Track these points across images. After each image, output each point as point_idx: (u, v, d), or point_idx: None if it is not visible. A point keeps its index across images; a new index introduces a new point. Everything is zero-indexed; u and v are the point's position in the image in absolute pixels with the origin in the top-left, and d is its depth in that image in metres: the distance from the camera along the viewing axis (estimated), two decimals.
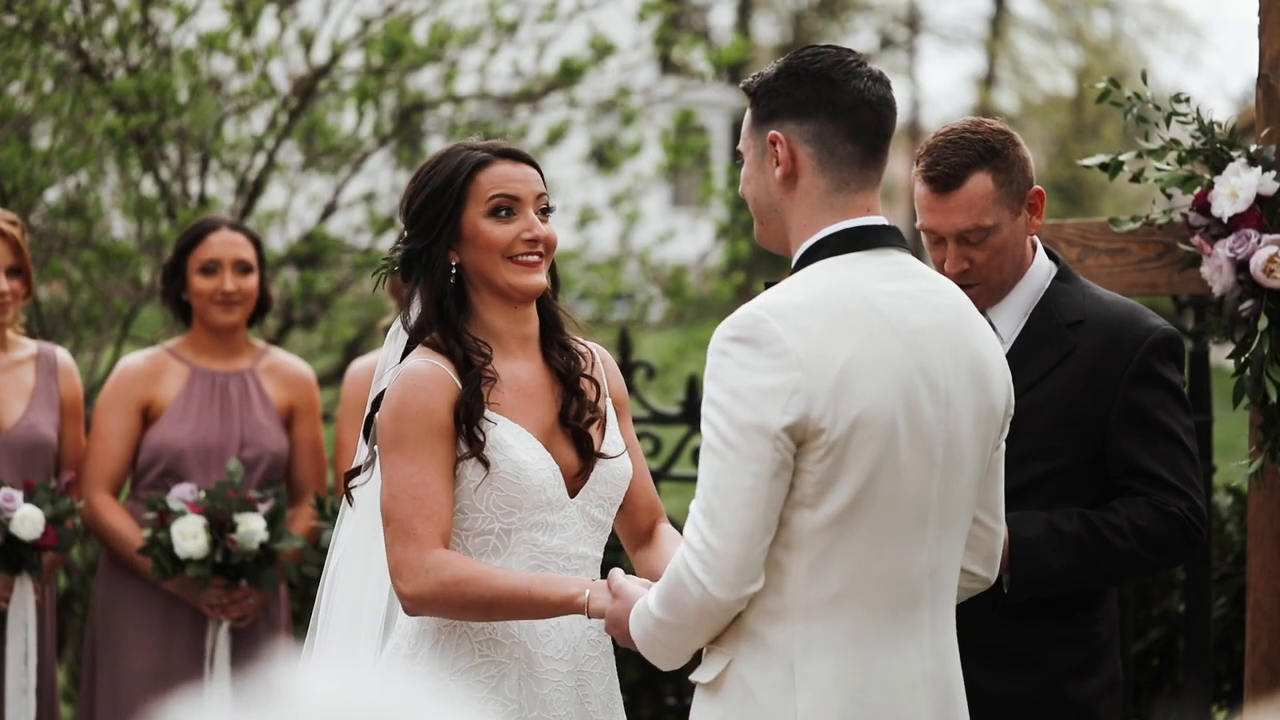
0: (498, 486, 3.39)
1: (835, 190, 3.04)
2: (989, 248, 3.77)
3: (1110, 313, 3.82)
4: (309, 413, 5.18)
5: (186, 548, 4.81)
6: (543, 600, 3.30)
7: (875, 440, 2.93)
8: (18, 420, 4.89)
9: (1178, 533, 3.72)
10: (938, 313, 3.04)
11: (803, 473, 2.92)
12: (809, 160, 3.04)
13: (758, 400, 2.90)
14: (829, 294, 2.97)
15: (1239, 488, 5.95)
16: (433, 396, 3.37)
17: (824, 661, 2.96)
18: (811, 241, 3.04)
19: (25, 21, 6.64)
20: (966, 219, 3.75)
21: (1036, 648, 3.71)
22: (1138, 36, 31.73)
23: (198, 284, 5.05)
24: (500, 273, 3.45)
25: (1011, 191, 3.77)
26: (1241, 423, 4.48)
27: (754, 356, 2.92)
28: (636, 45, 7.94)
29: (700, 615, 2.94)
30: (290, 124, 7.27)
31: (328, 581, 3.65)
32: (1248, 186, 4.14)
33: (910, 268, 3.07)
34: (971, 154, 3.73)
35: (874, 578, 2.97)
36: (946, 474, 3.02)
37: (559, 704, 3.43)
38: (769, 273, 17.51)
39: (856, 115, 3.03)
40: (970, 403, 3.04)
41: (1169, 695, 5.85)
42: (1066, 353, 3.78)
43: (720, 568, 2.90)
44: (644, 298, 8.52)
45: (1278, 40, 4.32)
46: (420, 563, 3.31)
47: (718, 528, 2.90)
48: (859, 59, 3.06)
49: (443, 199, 3.46)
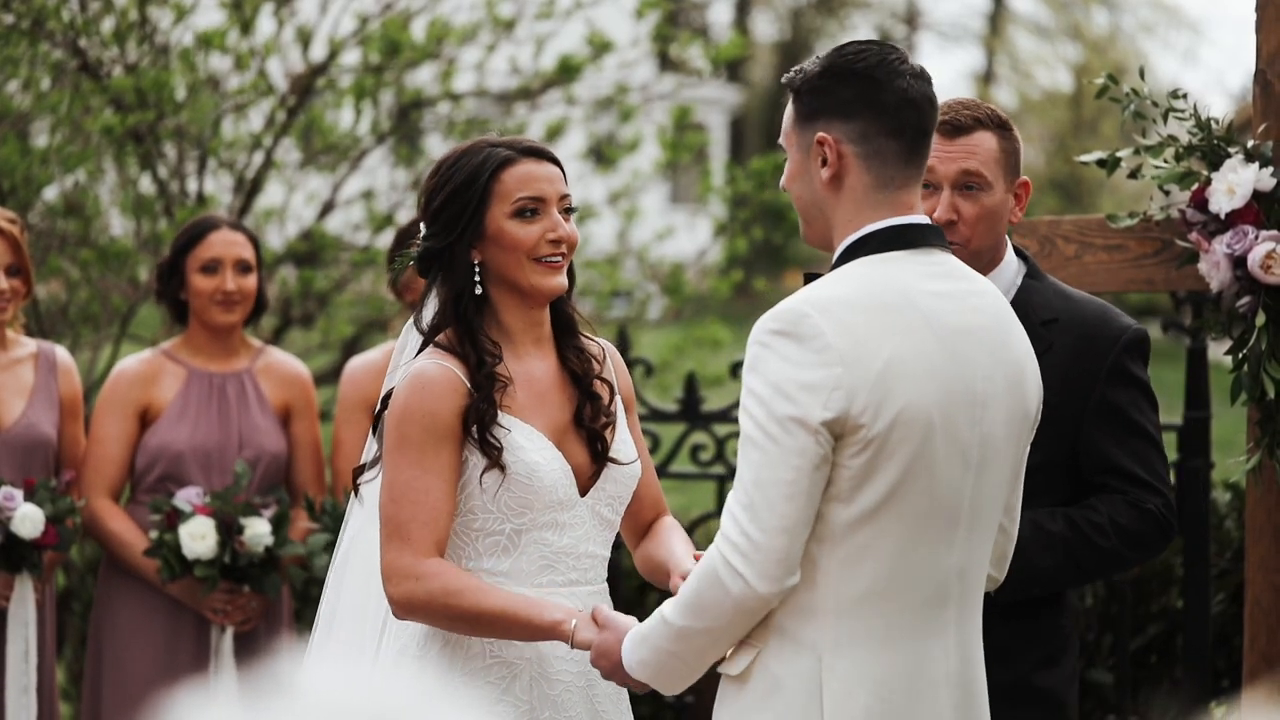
0: (510, 488, 3.38)
1: (880, 187, 3.05)
2: (979, 205, 3.79)
3: (1083, 312, 3.85)
4: (306, 412, 5.17)
5: (195, 549, 4.81)
6: (527, 622, 3.29)
7: (912, 438, 2.93)
8: (17, 419, 4.89)
9: (1154, 529, 3.78)
10: (977, 315, 3.05)
11: (839, 467, 2.93)
12: (855, 159, 3.05)
13: (799, 394, 2.90)
14: (872, 290, 2.98)
15: (1237, 484, 5.96)
16: (439, 400, 3.35)
17: (852, 657, 2.97)
18: (855, 237, 3.04)
19: (23, 19, 6.63)
20: (970, 161, 3.79)
21: (1009, 642, 3.74)
22: (1136, 33, 31.75)
23: (198, 283, 5.03)
24: (524, 274, 3.43)
25: (1008, 165, 3.83)
26: (1239, 419, 4.48)
27: (797, 350, 2.92)
28: (634, 42, 7.93)
29: (736, 612, 2.93)
30: (288, 122, 7.27)
31: (334, 578, 3.64)
32: (1245, 183, 4.14)
33: (952, 268, 3.08)
34: (982, 114, 3.83)
35: (904, 575, 2.98)
36: (980, 475, 3.03)
37: (570, 704, 3.42)
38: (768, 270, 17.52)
39: (901, 114, 3.04)
40: (1005, 406, 3.05)
41: (1167, 691, 5.85)
42: (1042, 352, 3.79)
43: (762, 560, 2.90)
44: (642, 295, 8.52)
45: (1275, 36, 4.32)
46: (413, 569, 3.30)
47: (758, 521, 2.90)
48: (901, 56, 3.08)
49: (465, 197, 3.42)
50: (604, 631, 3.19)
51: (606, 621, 3.21)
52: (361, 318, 7.64)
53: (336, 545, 3.67)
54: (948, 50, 60.14)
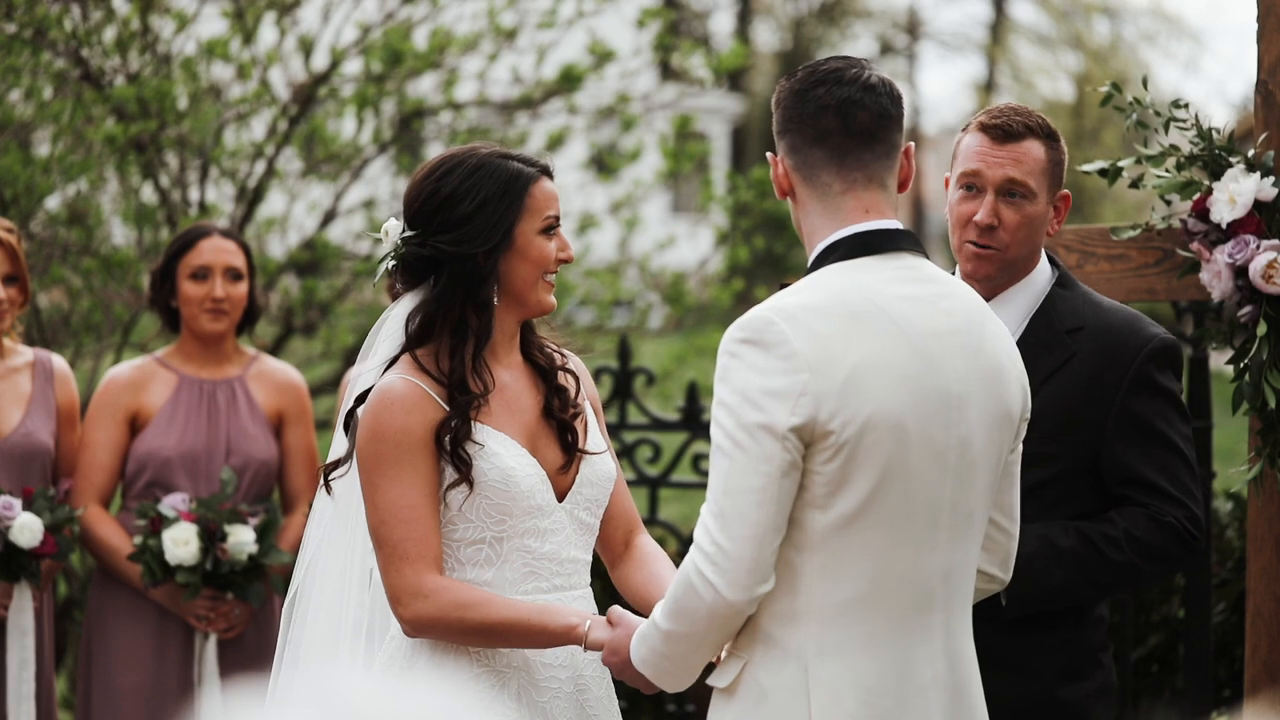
0: (487, 495, 3.38)
1: (821, 197, 3.10)
2: (1022, 213, 3.82)
3: (1109, 320, 3.83)
4: (300, 419, 5.16)
5: (178, 554, 4.81)
6: (541, 629, 3.31)
7: (884, 443, 2.95)
8: (15, 427, 4.89)
9: (1174, 542, 3.72)
10: (950, 317, 3.06)
11: (812, 474, 2.95)
12: (794, 173, 3.13)
13: (766, 401, 2.92)
14: (839, 297, 3.00)
15: (1238, 493, 5.95)
16: (409, 415, 3.35)
17: (837, 663, 2.98)
18: (821, 247, 3.09)
19: (25, 29, 6.64)
20: (1017, 170, 3.82)
21: (1027, 654, 3.73)
22: (1138, 42, 31.76)
23: (187, 290, 5.03)
24: (535, 289, 3.46)
25: (1053, 176, 3.86)
26: (1241, 428, 4.48)
27: (763, 358, 2.94)
28: (636, 52, 7.94)
29: (711, 619, 2.96)
30: (290, 131, 7.27)
31: (301, 577, 3.58)
32: (1246, 192, 4.14)
33: (923, 272, 3.09)
34: (1033, 122, 3.86)
35: (887, 580, 2.99)
36: (959, 478, 3.03)
37: (559, 711, 3.42)
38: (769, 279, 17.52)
39: (819, 120, 3.08)
40: (985, 407, 3.05)
41: (1169, 701, 5.85)
42: (1065, 359, 3.79)
43: (732, 569, 2.93)
44: (644, 304, 8.53)
45: (1276, 46, 4.32)
46: (419, 587, 3.31)
47: (728, 529, 2.93)
48: (837, 69, 3.11)
49: (498, 207, 3.41)
50: (616, 629, 3.24)
51: (620, 620, 3.25)
52: (363, 326, 7.64)
53: (301, 547, 3.61)
54: (949, 59, 60.15)
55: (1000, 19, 33.08)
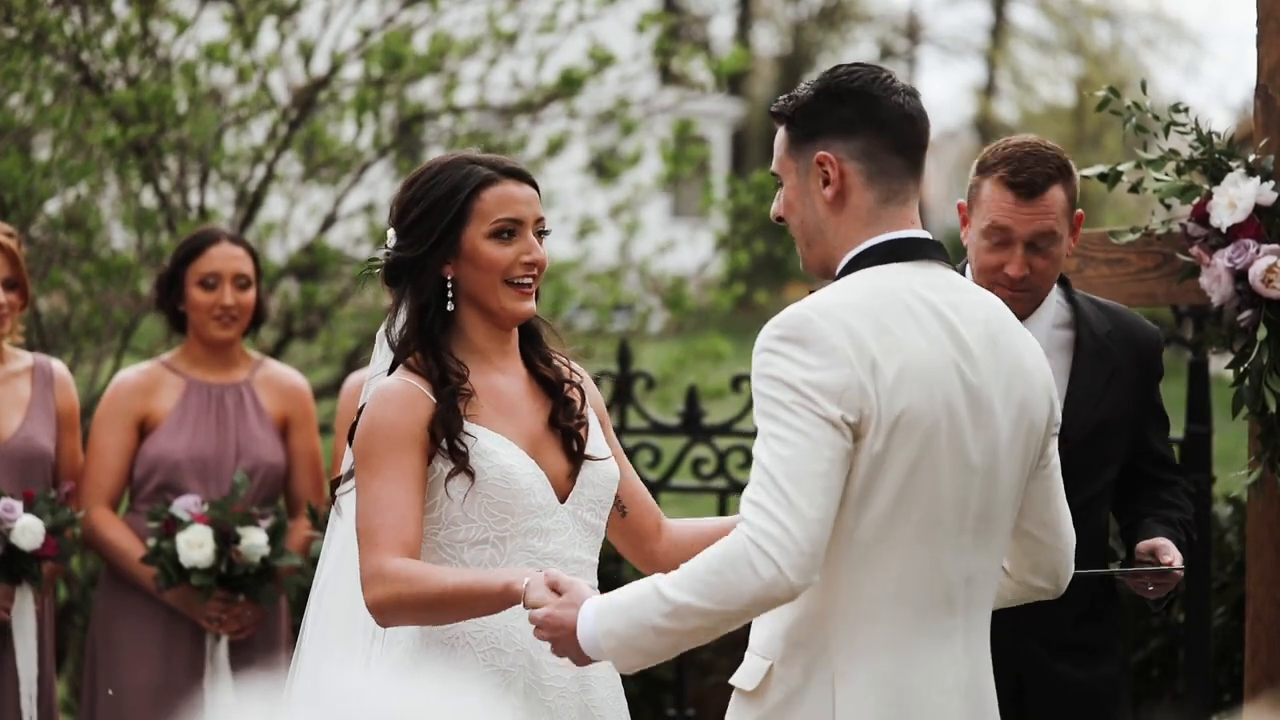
0: (487, 493, 3.38)
1: (883, 203, 3.07)
2: (1050, 256, 3.95)
3: (1124, 320, 4.12)
4: (304, 424, 5.18)
5: (192, 556, 4.82)
6: (483, 593, 3.24)
7: (914, 442, 2.94)
8: (15, 432, 4.89)
9: None
10: (980, 324, 3.06)
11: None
12: (858, 176, 3.07)
13: (815, 394, 2.91)
14: (873, 297, 3.00)
15: (1238, 498, 5.95)
16: (401, 412, 3.37)
17: (862, 665, 2.98)
18: (855, 252, 3.07)
19: (25, 33, 6.64)
20: (1045, 224, 3.92)
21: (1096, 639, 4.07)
22: (1138, 47, 31.76)
23: (196, 297, 5.04)
24: (495, 295, 3.44)
25: (1071, 208, 3.99)
26: (1241, 433, 4.49)
27: (804, 354, 2.93)
28: (636, 56, 7.94)
29: (756, 601, 2.89)
30: (290, 135, 7.27)
31: (317, 592, 3.63)
32: (1246, 196, 4.15)
33: (952, 279, 3.10)
34: (1052, 167, 3.95)
35: (912, 580, 2.99)
36: (985, 481, 3.03)
37: (565, 710, 3.42)
38: (769, 283, 17.53)
39: (901, 128, 3.08)
40: (1010, 414, 3.05)
41: (1169, 705, 5.85)
42: (1115, 368, 4.06)
43: (798, 552, 2.87)
44: (644, 308, 8.52)
45: (1276, 50, 4.33)
46: (379, 571, 3.29)
47: (796, 514, 2.87)
48: (891, 75, 3.12)
49: (443, 212, 3.42)
50: (562, 598, 3.09)
51: (565, 587, 3.11)
52: (363, 331, 7.63)
53: (321, 558, 3.65)
54: (949, 64, 60.19)
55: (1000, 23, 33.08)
